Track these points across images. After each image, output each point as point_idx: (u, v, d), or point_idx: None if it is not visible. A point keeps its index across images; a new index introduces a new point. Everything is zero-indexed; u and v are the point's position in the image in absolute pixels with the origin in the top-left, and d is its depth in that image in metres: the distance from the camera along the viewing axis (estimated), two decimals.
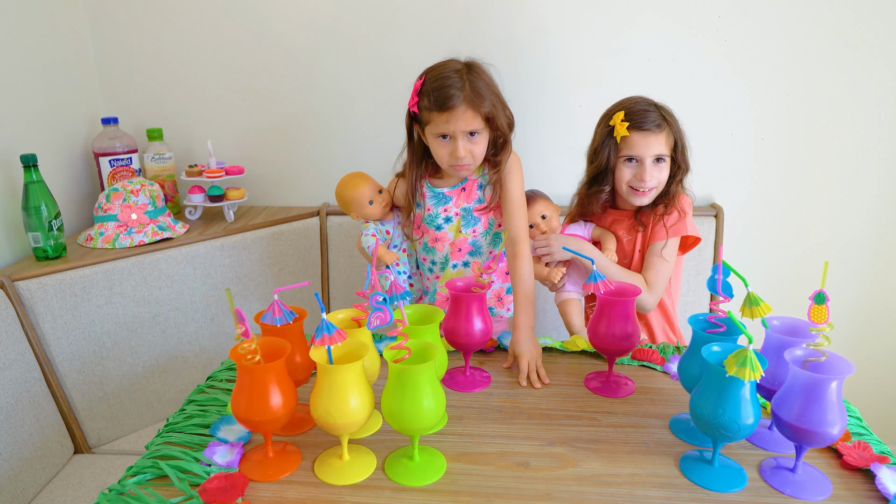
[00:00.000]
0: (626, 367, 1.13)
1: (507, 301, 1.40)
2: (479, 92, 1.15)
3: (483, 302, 1.02)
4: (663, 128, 1.25)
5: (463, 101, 1.13)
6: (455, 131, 1.16)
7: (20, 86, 1.49)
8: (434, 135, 1.19)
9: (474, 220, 1.32)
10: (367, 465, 0.85)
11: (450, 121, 1.15)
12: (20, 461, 1.23)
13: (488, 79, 1.19)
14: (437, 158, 1.23)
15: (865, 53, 1.58)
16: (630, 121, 1.24)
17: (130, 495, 0.78)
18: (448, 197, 1.30)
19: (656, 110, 1.26)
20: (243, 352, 0.78)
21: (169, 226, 1.57)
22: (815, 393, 0.75)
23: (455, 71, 1.16)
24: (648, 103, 1.27)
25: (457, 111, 1.14)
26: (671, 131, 1.26)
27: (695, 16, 1.60)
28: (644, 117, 1.24)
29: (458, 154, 1.18)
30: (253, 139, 1.81)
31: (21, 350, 1.29)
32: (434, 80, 1.16)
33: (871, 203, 1.71)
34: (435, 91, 1.15)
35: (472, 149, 1.19)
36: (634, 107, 1.26)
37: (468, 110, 1.14)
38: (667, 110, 1.28)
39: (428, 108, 1.17)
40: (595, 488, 0.80)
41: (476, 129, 1.17)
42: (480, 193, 1.29)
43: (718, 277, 0.90)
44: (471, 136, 1.18)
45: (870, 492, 0.79)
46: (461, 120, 1.14)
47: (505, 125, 1.21)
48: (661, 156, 1.25)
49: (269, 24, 1.70)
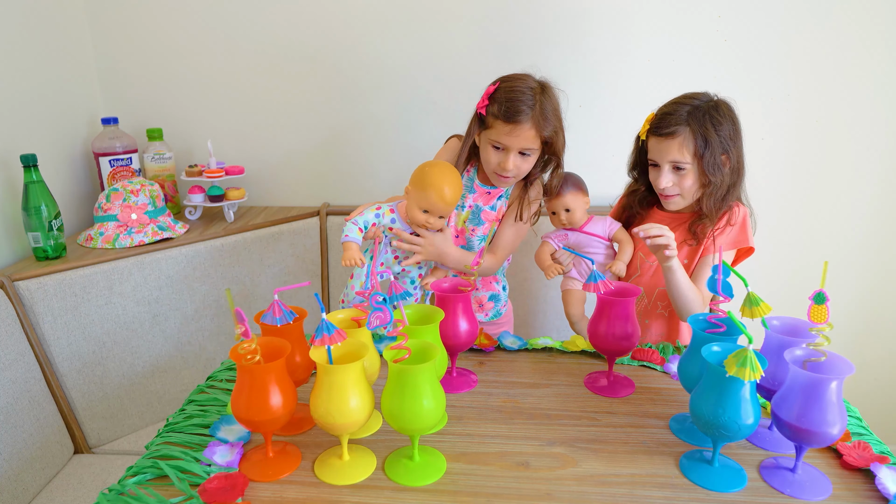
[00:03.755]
0: (626, 367, 1.13)
1: (489, 308, 1.46)
2: (546, 115, 1.18)
3: (468, 303, 1.02)
4: (678, 133, 1.16)
5: (530, 119, 1.17)
6: (512, 145, 1.19)
7: (20, 86, 1.49)
8: (491, 140, 1.22)
9: (479, 221, 1.35)
10: (367, 465, 0.85)
11: (512, 133, 1.18)
12: (20, 461, 1.23)
13: (556, 103, 1.22)
14: (485, 162, 1.26)
15: (865, 53, 1.58)
16: (652, 124, 1.21)
17: (130, 495, 0.78)
18: (475, 190, 1.35)
19: (679, 113, 1.17)
20: (243, 352, 0.78)
21: (169, 226, 1.57)
22: (815, 393, 0.75)
23: (530, 88, 1.19)
24: (679, 102, 1.19)
25: (521, 127, 1.17)
26: (692, 135, 1.16)
27: (695, 16, 1.60)
28: (660, 121, 1.19)
29: (506, 166, 1.21)
30: (253, 139, 1.81)
31: (21, 350, 1.29)
32: (508, 91, 1.18)
33: (871, 203, 1.71)
34: (507, 102, 1.17)
35: (521, 165, 1.22)
36: (663, 107, 1.21)
37: (531, 129, 1.17)
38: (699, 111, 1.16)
39: (495, 115, 1.19)
40: (595, 488, 0.80)
41: (531, 149, 1.20)
42: (497, 203, 1.34)
43: (718, 277, 0.90)
44: (523, 154, 1.21)
45: (870, 492, 0.79)
46: (522, 136, 1.18)
47: (560, 150, 1.24)
48: (677, 162, 1.18)
49: (268, 24, 1.70)
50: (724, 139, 1.16)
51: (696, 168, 1.18)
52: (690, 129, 1.16)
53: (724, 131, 1.17)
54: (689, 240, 1.26)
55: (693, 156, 1.17)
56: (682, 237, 1.26)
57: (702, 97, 1.20)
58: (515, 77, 1.22)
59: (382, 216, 1.23)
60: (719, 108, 1.18)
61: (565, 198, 1.29)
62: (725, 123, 1.17)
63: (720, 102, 1.20)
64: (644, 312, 1.34)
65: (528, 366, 1.14)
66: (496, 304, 1.48)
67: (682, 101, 1.19)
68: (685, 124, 1.16)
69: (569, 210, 1.29)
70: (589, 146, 1.71)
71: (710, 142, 1.16)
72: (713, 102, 1.19)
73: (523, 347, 1.19)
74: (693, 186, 1.20)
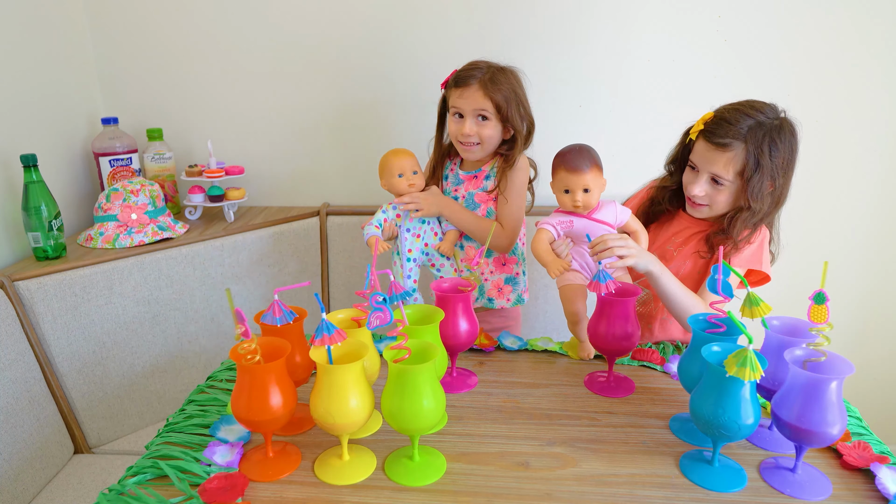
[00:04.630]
0: (626, 367, 1.13)
1: (507, 291, 1.43)
2: (496, 82, 1.27)
3: (468, 303, 1.02)
4: (731, 148, 1.07)
5: (478, 82, 1.26)
6: (466, 108, 1.28)
7: (20, 86, 1.49)
8: (451, 112, 1.32)
9: (474, 206, 1.38)
10: (367, 465, 0.85)
11: (462, 96, 1.28)
12: (20, 461, 1.23)
13: (514, 80, 1.31)
14: (451, 135, 1.35)
15: (865, 53, 1.58)
16: (706, 126, 1.11)
17: (130, 495, 0.78)
18: (461, 180, 1.41)
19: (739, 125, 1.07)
20: (243, 352, 0.78)
21: (169, 226, 1.57)
22: (815, 393, 0.75)
23: (486, 64, 1.30)
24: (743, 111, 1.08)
25: (470, 89, 1.27)
26: (745, 154, 1.07)
27: (695, 16, 1.60)
28: (716, 126, 1.09)
29: (464, 130, 1.29)
30: (253, 139, 1.81)
31: (21, 350, 1.29)
32: (464, 66, 1.31)
33: (871, 203, 1.71)
34: (460, 72, 1.30)
35: (480, 130, 1.29)
36: (723, 111, 1.11)
37: (479, 91, 1.26)
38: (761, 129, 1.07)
39: (450, 86, 1.32)
40: (595, 488, 0.80)
41: (485, 112, 1.27)
42: (486, 183, 1.38)
43: (718, 277, 0.90)
44: (482, 119, 1.28)
45: (870, 492, 0.79)
46: (472, 98, 1.27)
47: (517, 121, 1.30)
48: (719, 177, 1.10)
49: (269, 24, 1.70)
50: (776, 166, 1.08)
51: (735, 186, 1.11)
52: (745, 147, 1.07)
53: (779, 158, 1.08)
54: (703, 251, 1.20)
55: (737, 174, 1.09)
56: (696, 248, 1.22)
57: (768, 111, 1.09)
58: (475, 59, 1.32)
59: (386, 210, 1.36)
60: (783, 130, 1.08)
61: (586, 175, 1.09)
62: (783, 150, 1.08)
63: (785, 123, 1.10)
64: (648, 316, 1.31)
65: (528, 366, 1.14)
66: (514, 287, 1.43)
67: (746, 112, 1.09)
68: (742, 140, 1.07)
69: (587, 190, 1.10)
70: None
71: (761, 166, 1.07)
72: (778, 122, 1.09)
73: (523, 347, 1.20)
74: (726, 202, 1.14)
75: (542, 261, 1.12)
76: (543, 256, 1.12)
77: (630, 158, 1.70)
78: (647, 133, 1.70)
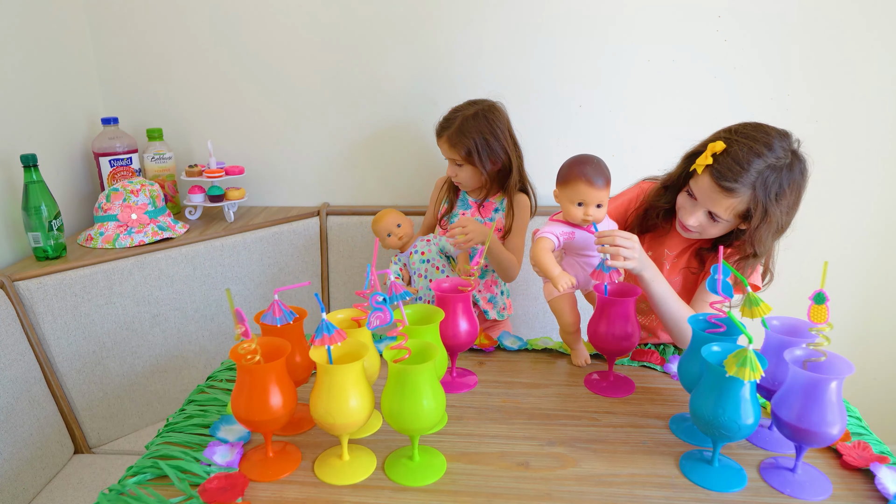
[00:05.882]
0: (626, 367, 1.13)
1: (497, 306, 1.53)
2: (463, 132, 1.38)
3: (468, 303, 1.03)
4: (737, 194, 1.02)
5: (446, 135, 1.40)
6: (445, 156, 1.45)
7: (20, 86, 1.49)
8: None
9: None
10: (367, 465, 0.85)
11: (439, 145, 1.44)
12: (20, 461, 1.23)
13: (486, 124, 1.39)
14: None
15: (866, 53, 1.58)
16: (715, 162, 1.04)
17: (130, 495, 0.78)
18: (470, 205, 1.53)
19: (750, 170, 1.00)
20: (243, 352, 0.78)
21: (169, 226, 1.57)
22: (815, 393, 0.75)
23: (460, 112, 1.41)
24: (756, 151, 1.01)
25: (441, 140, 1.43)
26: (749, 201, 1.03)
27: (695, 16, 1.60)
28: (726, 168, 1.02)
29: (449, 173, 1.46)
30: (253, 139, 1.81)
31: (21, 350, 1.29)
32: (445, 115, 1.44)
33: (872, 203, 1.71)
34: (440, 122, 1.44)
35: (458, 173, 1.43)
36: (734, 149, 1.03)
37: (446, 143, 1.41)
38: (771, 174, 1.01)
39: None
40: (595, 488, 0.80)
41: (457, 160, 1.41)
42: (494, 216, 1.50)
43: (718, 277, 0.90)
44: (457, 165, 1.43)
45: (870, 492, 0.79)
46: (444, 148, 1.43)
47: (487, 163, 1.40)
48: (717, 216, 1.07)
49: (269, 25, 1.70)
50: (781, 212, 1.04)
51: (732, 223, 1.08)
52: (752, 195, 1.02)
53: (785, 203, 1.03)
54: (693, 267, 1.19)
55: (737, 216, 1.06)
56: (686, 263, 1.20)
57: (778, 148, 1.02)
58: (459, 105, 1.44)
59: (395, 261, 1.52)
60: (793, 171, 1.03)
61: (603, 191, 1.05)
62: (791, 195, 1.04)
63: (796, 163, 1.03)
64: (650, 327, 1.31)
65: (528, 366, 1.14)
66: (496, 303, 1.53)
67: (759, 151, 1.01)
68: (750, 187, 1.02)
69: (600, 205, 1.06)
70: (588, 146, 1.70)
71: (769, 215, 1.03)
72: (789, 162, 1.02)
73: (523, 347, 1.20)
74: (718, 232, 1.11)
75: (548, 273, 1.04)
76: (550, 269, 1.03)
77: (630, 158, 1.70)
78: (647, 133, 1.70)
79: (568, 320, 1.11)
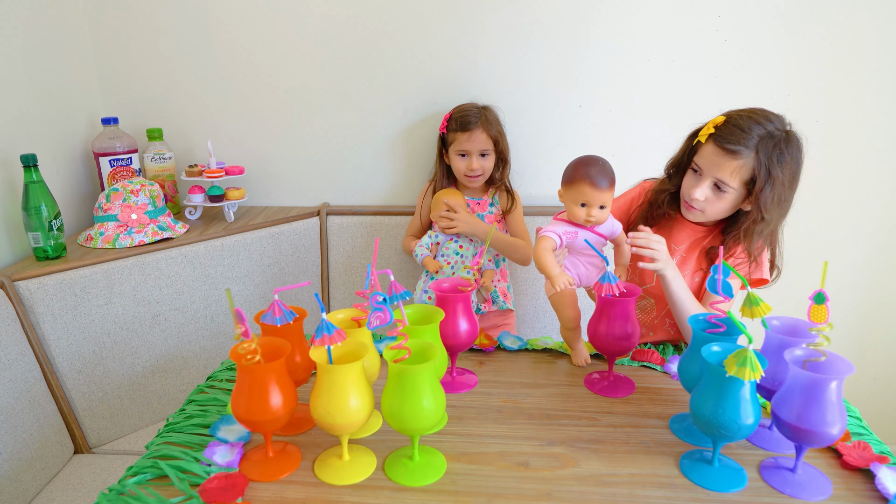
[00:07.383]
0: (626, 367, 1.13)
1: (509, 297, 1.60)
2: (490, 122, 1.54)
3: (468, 303, 1.03)
4: (741, 156, 1.05)
5: (480, 125, 1.52)
6: (473, 149, 1.53)
7: (20, 86, 1.49)
8: (456, 152, 1.56)
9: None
10: (367, 465, 0.85)
11: (470, 139, 1.52)
12: (20, 461, 1.23)
13: (495, 117, 1.58)
14: (456, 171, 1.59)
15: (866, 53, 1.58)
16: (717, 130, 1.08)
17: (130, 495, 0.78)
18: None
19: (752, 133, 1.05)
20: (243, 352, 0.78)
21: (169, 226, 1.57)
22: (815, 393, 0.75)
23: (475, 107, 1.57)
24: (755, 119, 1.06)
25: (475, 132, 1.52)
26: (754, 164, 1.05)
27: (695, 16, 1.60)
28: (729, 132, 1.06)
29: (472, 167, 1.54)
30: (253, 139, 1.81)
31: (21, 350, 1.29)
32: (459, 112, 1.55)
33: (872, 203, 1.71)
34: (461, 118, 1.54)
35: (483, 164, 1.55)
36: (736, 117, 1.08)
37: (483, 133, 1.52)
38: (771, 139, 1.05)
39: (454, 130, 1.54)
40: (595, 488, 0.80)
41: (486, 150, 1.54)
42: (491, 208, 1.61)
43: (718, 277, 0.90)
44: (482, 156, 1.54)
45: (870, 492, 0.79)
46: (478, 140, 1.52)
47: (506, 150, 1.59)
48: (723, 183, 1.08)
49: (269, 25, 1.70)
50: (784, 178, 1.06)
51: (737, 195, 1.10)
52: (756, 157, 1.05)
53: (787, 170, 1.06)
54: (705, 265, 1.20)
55: (742, 184, 1.08)
56: (698, 265, 1.21)
57: (777, 122, 1.07)
58: (463, 104, 1.59)
59: (430, 235, 1.58)
60: (790, 144, 1.06)
61: (607, 192, 1.06)
62: (791, 163, 1.06)
63: (792, 137, 1.07)
64: (650, 325, 1.31)
65: (528, 366, 1.14)
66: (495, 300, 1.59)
67: (758, 120, 1.06)
68: (752, 149, 1.05)
69: (603, 207, 1.08)
70: (588, 146, 1.71)
71: (773, 177, 1.05)
72: (786, 134, 1.07)
73: (523, 347, 1.20)
74: (723, 210, 1.13)
75: (548, 272, 1.05)
76: (549, 268, 1.05)
77: (630, 158, 1.70)
78: (647, 133, 1.70)
79: (568, 315, 1.11)
